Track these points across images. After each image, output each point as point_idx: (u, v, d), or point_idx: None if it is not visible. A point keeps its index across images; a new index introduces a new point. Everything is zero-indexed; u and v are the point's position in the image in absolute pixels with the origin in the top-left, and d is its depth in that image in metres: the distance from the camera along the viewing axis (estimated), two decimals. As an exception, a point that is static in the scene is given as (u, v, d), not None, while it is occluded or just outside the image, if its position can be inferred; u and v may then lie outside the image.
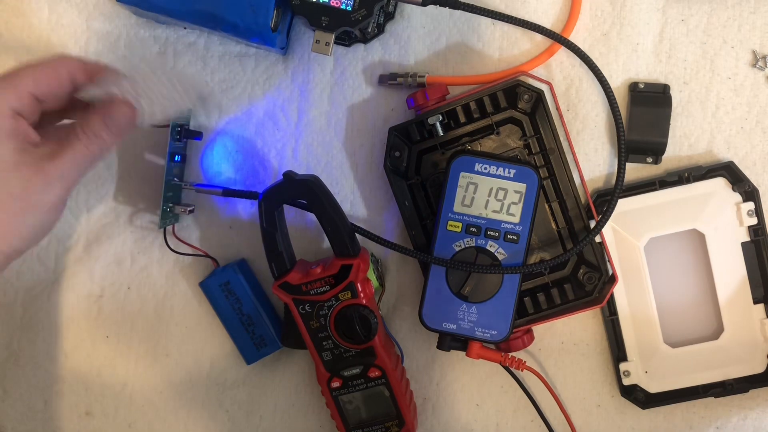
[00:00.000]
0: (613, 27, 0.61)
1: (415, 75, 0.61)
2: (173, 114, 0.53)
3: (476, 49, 0.62)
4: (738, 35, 0.61)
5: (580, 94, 0.62)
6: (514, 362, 0.61)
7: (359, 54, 0.63)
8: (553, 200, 0.61)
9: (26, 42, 0.65)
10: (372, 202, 0.64)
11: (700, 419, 0.64)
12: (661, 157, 0.61)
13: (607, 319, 0.62)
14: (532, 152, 0.61)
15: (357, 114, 0.64)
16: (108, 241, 0.66)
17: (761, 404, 0.64)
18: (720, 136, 0.62)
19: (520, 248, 0.59)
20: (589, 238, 0.58)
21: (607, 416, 0.65)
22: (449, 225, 0.59)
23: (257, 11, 0.57)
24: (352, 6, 0.56)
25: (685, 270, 0.62)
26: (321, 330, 0.59)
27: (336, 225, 0.59)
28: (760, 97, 0.61)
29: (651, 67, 0.62)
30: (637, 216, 0.61)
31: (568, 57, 0.62)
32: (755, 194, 0.60)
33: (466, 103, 0.60)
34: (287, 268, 0.60)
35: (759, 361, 0.61)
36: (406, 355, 0.65)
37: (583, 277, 0.61)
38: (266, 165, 0.64)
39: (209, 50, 0.64)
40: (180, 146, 0.63)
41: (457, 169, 0.59)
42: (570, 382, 0.64)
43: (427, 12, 0.62)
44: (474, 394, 0.65)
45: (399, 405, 0.61)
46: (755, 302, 0.61)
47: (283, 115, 0.64)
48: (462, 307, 0.60)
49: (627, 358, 0.62)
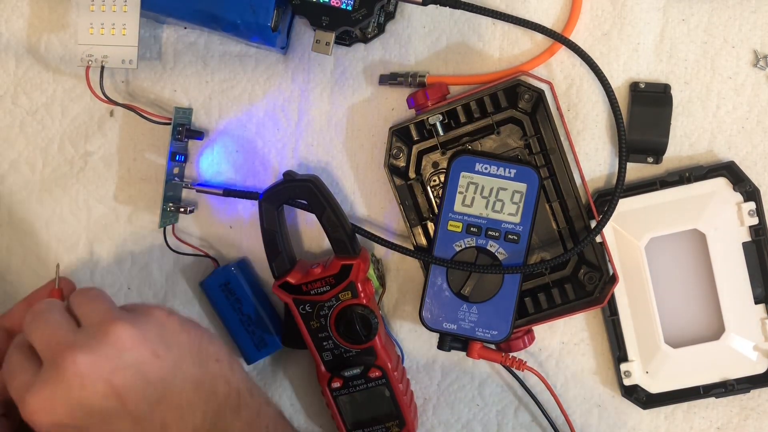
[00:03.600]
0: (614, 26, 0.61)
1: (415, 75, 0.61)
2: None
3: (477, 49, 0.62)
4: (739, 35, 0.61)
5: (581, 93, 0.62)
6: (515, 362, 0.61)
7: (359, 54, 0.63)
8: (553, 200, 0.61)
9: (27, 42, 0.65)
10: (372, 202, 0.64)
11: (701, 420, 0.64)
12: (661, 157, 0.61)
13: (608, 319, 0.62)
14: (532, 152, 0.60)
15: (357, 114, 0.64)
16: (108, 241, 0.66)
17: (762, 404, 0.63)
18: (721, 136, 0.62)
19: (521, 248, 0.59)
20: (590, 238, 0.58)
21: (607, 416, 0.64)
22: (450, 225, 0.59)
23: (257, 11, 0.57)
24: (353, 6, 0.56)
25: (685, 270, 0.62)
26: (321, 330, 0.59)
27: (336, 225, 0.58)
28: (761, 97, 0.61)
29: (652, 67, 0.61)
30: (638, 216, 0.61)
31: (568, 57, 0.62)
32: (756, 194, 0.60)
33: (467, 102, 0.60)
34: (287, 268, 0.60)
35: (760, 361, 0.61)
36: (406, 355, 0.65)
37: (584, 277, 0.61)
38: (266, 165, 0.64)
39: (209, 50, 0.64)
40: (181, 146, 0.63)
41: (457, 169, 0.59)
42: (570, 382, 0.64)
43: (427, 12, 0.62)
44: (475, 394, 0.65)
45: (399, 405, 0.61)
46: (756, 302, 0.61)
47: (283, 115, 0.64)
48: (462, 307, 0.60)
49: (628, 358, 0.62)
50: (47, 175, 0.66)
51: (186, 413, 0.47)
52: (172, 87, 0.64)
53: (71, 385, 0.45)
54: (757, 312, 0.61)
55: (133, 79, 0.64)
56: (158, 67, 0.64)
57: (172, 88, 0.64)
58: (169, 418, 0.46)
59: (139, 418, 0.46)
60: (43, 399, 0.45)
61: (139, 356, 0.47)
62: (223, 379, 0.49)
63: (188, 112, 0.63)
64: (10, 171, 0.66)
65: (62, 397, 0.45)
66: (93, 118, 0.65)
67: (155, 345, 0.48)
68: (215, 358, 0.50)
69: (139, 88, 0.64)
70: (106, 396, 0.45)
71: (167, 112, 0.63)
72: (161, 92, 0.64)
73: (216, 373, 0.49)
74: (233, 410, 0.48)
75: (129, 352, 0.46)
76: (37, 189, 0.66)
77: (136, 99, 0.64)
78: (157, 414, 0.46)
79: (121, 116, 0.65)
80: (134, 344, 0.47)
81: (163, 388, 0.47)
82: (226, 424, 0.47)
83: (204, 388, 0.48)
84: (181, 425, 0.46)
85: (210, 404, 0.47)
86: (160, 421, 0.46)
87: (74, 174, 0.65)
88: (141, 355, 0.47)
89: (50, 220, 0.66)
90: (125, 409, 0.45)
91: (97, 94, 0.60)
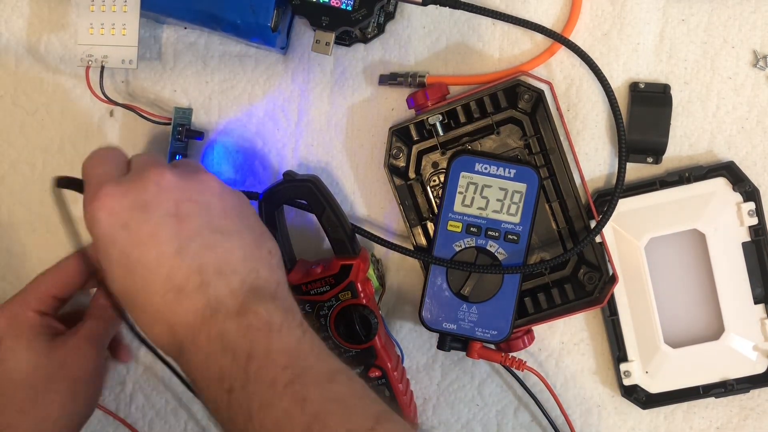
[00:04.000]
0: (614, 27, 0.61)
1: (415, 75, 0.61)
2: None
3: (476, 49, 0.62)
4: (739, 35, 0.61)
5: (581, 93, 0.62)
6: (515, 362, 0.61)
7: (359, 54, 0.63)
8: (553, 200, 0.61)
9: (27, 42, 0.65)
10: (372, 202, 0.64)
11: (700, 419, 0.64)
12: (661, 157, 0.61)
13: (608, 319, 0.62)
14: (532, 152, 0.60)
15: (357, 114, 0.64)
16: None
17: (762, 404, 0.64)
18: (720, 136, 0.62)
19: (521, 248, 0.59)
20: (590, 238, 0.58)
21: (607, 416, 0.64)
22: (449, 225, 0.59)
23: (257, 11, 0.57)
24: (353, 6, 0.56)
25: (685, 270, 0.62)
26: (321, 330, 0.59)
27: (336, 225, 0.59)
28: (760, 97, 0.61)
29: (651, 67, 0.62)
30: (638, 216, 0.61)
31: (568, 57, 0.62)
32: (756, 194, 0.60)
33: (466, 103, 0.60)
34: (287, 268, 0.60)
35: (760, 361, 0.61)
36: (406, 355, 0.65)
37: (584, 277, 0.61)
38: (266, 165, 0.64)
39: (209, 50, 0.64)
40: (181, 146, 0.63)
41: (457, 169, 0.59)
42: (570, 382, 0.64)
43: (427, 12, 0.62)
44: (474, 394, 0.65)
45: (399, 405, 0.61)
46: (756, 302, 0.61)
47: (283, 115, 0.64)
48: (462, 307, 0.60)
49: (627, 358, 0.62)
50: (48, 176, 0.66)
51: (227, 270, 0.48)
52: (172, 87, 0.64)
53: (147, 189, 0.48)
54: (757, 312, 0.61)
55: (133, 79, 0.64)
56: (158, 67, 0.64)
57: (172, 88, 0.64)
58: (210, 264, 0.48)
59: (184, 251, 0.48)
60: (119, 190, 0.48)
61: (212, 203, 0.50)
62: (269, 266, 0.51)
63: (188, 112, 0.63)
64: (10, 171, 0.66)
65: (134, 195, 0.48)
66: (93, 118, 0.65)
67: (229, 207, 0.51)
68: (269, 251, 0.52)
69: (139, 88, 0.64)
70: (168, 213, 0.48)
71: (167, 112, 0.63)
72: (161, 92, 0.64)
73: (265, 260, 0.51)
74: (271, 295, 0.49)
75: (207, 196, 0.50)
76: (38, 189, 0.66)
77: (136, 99, 0.64)
78: (201, 257, 0.48)
79: (121, 116, 0.65)
80: (214, 194, 0.51)
81: (218, 239, 0.49)
82: (261, 300, 0.48)
83: (250, 263, 0.49)
84: (217, 278, 0.48)
85: (250, 278, 0.49)
86: (199, 263, 0.48)
87: (76, 174, 0.65)
88: (215, 204, 0.50)
89: (52, 220, 0.66)
90: (177, 234, 0.48)
91: (97, 94, 0.60)
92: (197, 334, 0.47)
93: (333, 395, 0.46)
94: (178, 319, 0.47)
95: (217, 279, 0.48)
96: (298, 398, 0.45)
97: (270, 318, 0.47)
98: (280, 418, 0.44)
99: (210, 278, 0.48)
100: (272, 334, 0.47)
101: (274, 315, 0.48)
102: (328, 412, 0.45)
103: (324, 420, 0.44)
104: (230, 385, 0.46)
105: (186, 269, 0.47)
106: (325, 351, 0.49)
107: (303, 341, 0.48)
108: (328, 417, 0.44)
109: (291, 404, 0.44)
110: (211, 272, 0.48)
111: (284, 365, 0.46)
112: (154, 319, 0.48)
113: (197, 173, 0.51)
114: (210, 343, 0.46)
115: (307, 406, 0.44)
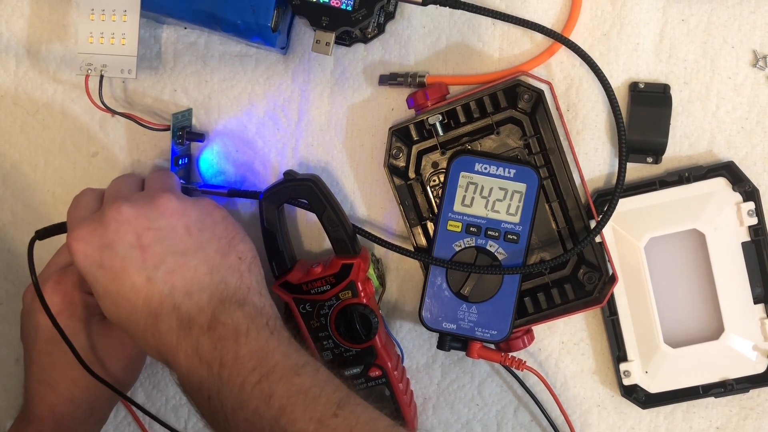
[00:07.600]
0: (614, 27, 0.61)
1: (415, 75, 0.61)
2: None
3: (476, 49, 0.62)
4: (738, 35, 0.61)
5: (581, 93, 0.62)
6: (515, 362, 0.61)
7: (359, 54, 0.63)
8: (553, 200, 0.61)
9: (27, 42, 0.65)
10: (372, 202, 0.64)
11: (700, 419, 0.64)
12: (661, 157, 0.61)
13: (608, 319, 0.62)
14: (532, 152, 0.61)
15: (357, 114, 0.64)
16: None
17: (761, 404, 0.64)
18: (720, 136, 0.62)
19: (520, 248, 0.59)
20: (590, 238, 0.58)
21: (607, 416, 0.65)
22: (449, 225, 0.59)
23: (257, 11, 0.57)
24: (353, 6, 0.57)
25: (685, 270, 0.62)
26: (321, 329, 0.59)
27: (336, 224, 0.59)
28: (760, 97, 0.61)
29: (651, 67, 0.62)
30: (638, 216, 0.61)
31: (568, 57, 0.62)
32: (755, 194, 0.60)
33: (466, 103, 0.60)
34: (288, 268, 0.60)
35: (759, 361, 0.61)
36: (406, 354, 0.65)
37: (584, 277, 0.61)
38: (266, 165, 0.64)
39: (209, 50, 0.64)
40: (183, 149, 0.63)
41: (457, 169, 0.59)
42: (570, 382, 0.64)
43: (427, 12, 0.62)
44: (474, 394, 0.65)
45: (399, 404, 0.61)
46: (755, 302, 0.61)
47: (283, 115, 0.64)
48: (462, 307, 0.60)
49: (627, 358, 0.62)
50: (49, 176, 0.66)
51: (194, 289, 0.51)
52: (172, 87, 0.64)
53: (108, 227, 0.52)
54: (757, 312, 0.61)
55: (133, 80, 0.64)
56: (158, 66, 0.64)
57: (172, 88, 0.64)
58: (178, 287, 0.51)
59: (152, 280, 0.51)
60: (85, 232, 0.53)
61: (172, 226, 0.53)
62: (237, 274, 0.54)
63: (188, 113, 0.63)
64: (11, 171, 0.66)
65: (98, 235, 0.52)
66: (94, 118, 0.65)
67: (191, 223, 0.54)
68: (239, 256, 0.54)
69: (139, 88, 0.64)
70: (131, 246, 0.52)
71: (167, 113, 0.63)
72: (161, 92, 0.64)
73: (233, 267, 0.54)
74: (238, 303, 0.52)
75: (165, 219, 0.53)
76: (40, 189, 0.66)
77: (136, 100, 0.64)
78: (169, 281, 0.51)
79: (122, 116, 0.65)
80: (173, 215, 0.53)
81: (182, 261, 0.52)
82: (227, 311, 0.51)
83: (217, 275, 0.53)
84: (186, 299, 0.51)
85: (218, 290, 0.52)
86: (169, 287, 0.51)
87: (77, 175, 0.66)
88: (175, 225, 0.53)
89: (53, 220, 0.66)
90: (143, 264, 0.51)
91: (96, 103, 0.60)
92: (177, 352, 0.50)
93: (298, 388, 0.48)
94: (159, 340, 0.51)
95: (187, 299, 0.51)
96: (265, 396, 0.48)
97: (237, 326, 0.50)
98: (249, 417, 0.48)
99: (180, 300, 0.51)
100: (240, 339, 0.50)
101: (241, 322, 0.51)
102: (293, 404, 0.47)
103: (290, 413, 0.47)
104: (208, 393, 0.49)
105: (159, 295, 0.51)
106: (293, 346, 0.51)
107: (270, 341, 0.51)
108: (293, 409, 0.47)
109: (259, 402, 0.48)
110: (181, 295, 0.51)
111: (252, 367, 0.49)
112: (143, 341, 0.52)
113: (154, 198, 0.54)
114: (188, 359, 0.50)
115: (273, 402, 0.48)
